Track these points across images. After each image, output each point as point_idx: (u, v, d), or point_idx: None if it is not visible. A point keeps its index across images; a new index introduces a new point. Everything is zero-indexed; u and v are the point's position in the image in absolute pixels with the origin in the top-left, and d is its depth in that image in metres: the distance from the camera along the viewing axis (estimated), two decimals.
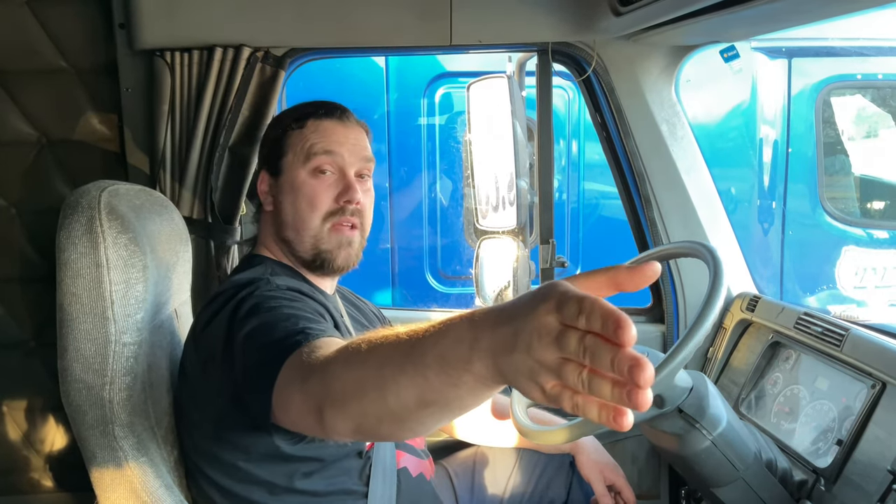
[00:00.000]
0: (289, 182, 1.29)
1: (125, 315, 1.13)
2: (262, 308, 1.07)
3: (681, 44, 1.83)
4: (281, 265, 1.32)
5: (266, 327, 1.02)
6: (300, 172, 1.28)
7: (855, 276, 3.26)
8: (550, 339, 0.57)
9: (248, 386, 1.00)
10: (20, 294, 1.97)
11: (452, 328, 0.71)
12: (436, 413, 0.75)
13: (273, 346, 0.97)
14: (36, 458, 2.03)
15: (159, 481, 1.14)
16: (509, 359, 0.62)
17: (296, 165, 1.29)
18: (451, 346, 0.70)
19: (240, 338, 1.04)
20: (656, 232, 1.91)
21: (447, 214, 3.42)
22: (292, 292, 1.15)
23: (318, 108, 1.32)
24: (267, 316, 1.05)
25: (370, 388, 0.77)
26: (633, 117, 1.86)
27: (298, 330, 0.98)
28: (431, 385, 0.71)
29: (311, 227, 1.28)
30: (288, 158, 1.30)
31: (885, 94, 3.36)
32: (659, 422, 1.25)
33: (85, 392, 1.10)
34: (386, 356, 0.77)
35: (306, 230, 1.28)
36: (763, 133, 3.26)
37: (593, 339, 0.55)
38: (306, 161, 1.28)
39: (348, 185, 1.29)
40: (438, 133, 3.38)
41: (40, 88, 1.86)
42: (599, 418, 0.56)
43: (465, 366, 0.68)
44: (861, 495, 1.26)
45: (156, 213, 1.30)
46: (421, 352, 0.73)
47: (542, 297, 0.60)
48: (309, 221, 1.28)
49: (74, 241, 1.09)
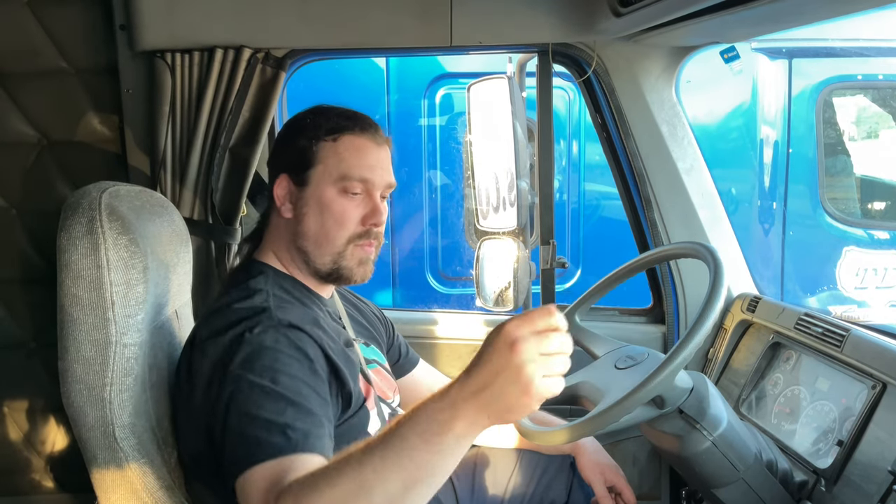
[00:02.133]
0: (315, 196, 1.25)
1: (126, 316, 1.13)
2: (254, 367, 1.05)
3: (681, 44, 1.83)
4: (283, 276, 1.30)
5: (251, 403, 1.01)
6: (330, 189, 1.25)
7: (855, 277, 3.26)
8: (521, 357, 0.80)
9: (222, 447, 1.02)
10: (21, 295, 1.97)
11: (424, 406, 0.85)
12: (422, 490, 0.85)
13: (251, 437, 0.99)
14: (37, 459, 2.03)
15: (160, 482, 1.14)
16: (495, 388, 0.81)
17: (326, 181, 1.25)
18: (430, 417, 0.83)
19: (225, 393, 1.04)
20: (657, 232, 1.91)
21: (448, 215, 3.42)
22: (291, 339, 1.12)
23: (353, 123, 1.28)
24: (257, 382, 1.03)
25: (354, 495, 0.84)
26: (633, 118, 1.86)
27: (281, 426, 0.99)
28: (416, 461, 0.83)
29: (335, 245, 1.26)
30: (317, 171, 1.25)
31: (886, 94, 3.36)
32: (659, 422, 1.25)
33: (86, 393, 1.10)
34: (362, 458, 0.85)
35: (329, 247, 1.26)
36: (763, 134, 3.26)
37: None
38: (340, 181, 1.24)
39: (375, 208, 1.27)
40: (439, 134, 3.38)
41: (41, 89, 1.86)
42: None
43: (447, 429, 0.82)
44: (861, 496, 1.26)
45: (156, 215, 1.30)
46: (399, 437, 0.84)
47: (506, 345, 0.81)
48: (334, 240, 1.26)
49: (75, 243, 1.09)
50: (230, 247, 1.84)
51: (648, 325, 2.01)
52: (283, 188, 1.28)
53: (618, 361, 1.31)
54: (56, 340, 1.12)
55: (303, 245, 1.27)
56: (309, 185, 1.26)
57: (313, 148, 1.26)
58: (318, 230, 1.26)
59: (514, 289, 2.10)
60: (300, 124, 1.30)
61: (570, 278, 3.36)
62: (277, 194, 1.28)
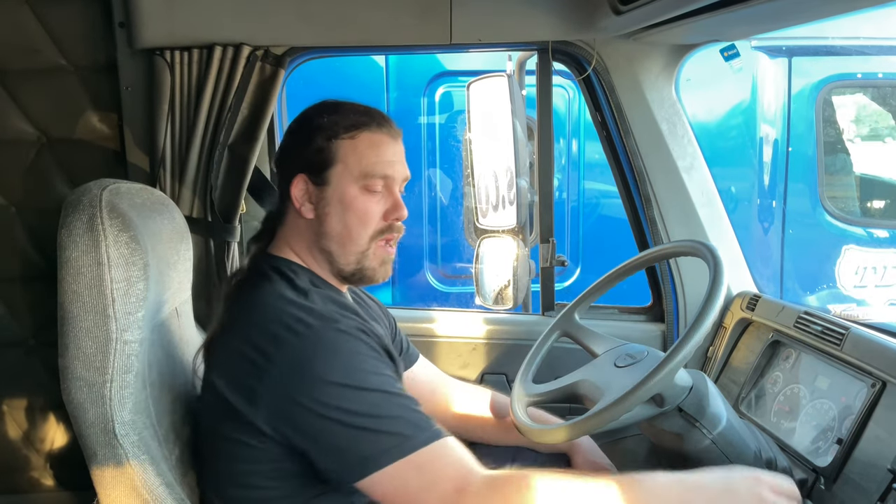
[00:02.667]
0: (337, 195, 1.24)
1: (126, 313, 1.13)
2: (340, 369, 1.09)
3: (681, 42, 1.83)
4: (312, 273, 1.29)
5: (359, 402, 1.08)
6: (351, 188, 1.24)
7: (855, 275, 3.26)
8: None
9: (327, 452, 1.08)
10: (20, 293, 1.97)
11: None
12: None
13: (382, 432, 1.07)
14: (36, 457, 2.03)
15: (160, 479, 1.14)
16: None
17: (347, 179, 1.24)
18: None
19: (322, 400, 1.07)
20: (656, 231, 1.91)
21: (447, 213, 3.42)
22: (360, 339, 1.15)
23: (370, 119, 1.27)
24: (351, 384, 1.09)
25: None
26: (633, 116, 1.86)
27: (401, 420, 1.08)
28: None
29: (359, 243, 1.26)
30: (337, 170, 1.24)
31: (886, 92, 3.35)
32: (659, 421, 1.25)
33: (86, 390, 1.10)
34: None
35: (354, 246, 1.26)
36: (763, 132, 3.26)
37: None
38: (362, 179, 1.24)
39: (397, 203, 1.28)
40: (438, 132, 3.38)
41: (40, 87, 1.86)
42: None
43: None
44: (861, 494, 1.26)
45: (157, 212, 1.30)
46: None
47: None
48: (358, 238, 1.26)
49: (75, 239, 1.09)
50: (229, 244, 1.84)
51: (648, 324, 2.01)
52: (301, 189, 1.26)
53: (617, 360, 1.31)
54: (55, 338, 1.12)
55: (326, 245, 1.26)
56: (329, 185, 1.24)
57: (332, 147, 1.24)
58: (341, 230, 1.25)
59: (513, 287, 2.10)
60: (315, 123, 1.27)
61: (569, 276, 3.36)
62: (295, 195, 1.26)
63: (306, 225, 1.27)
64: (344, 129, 1.25)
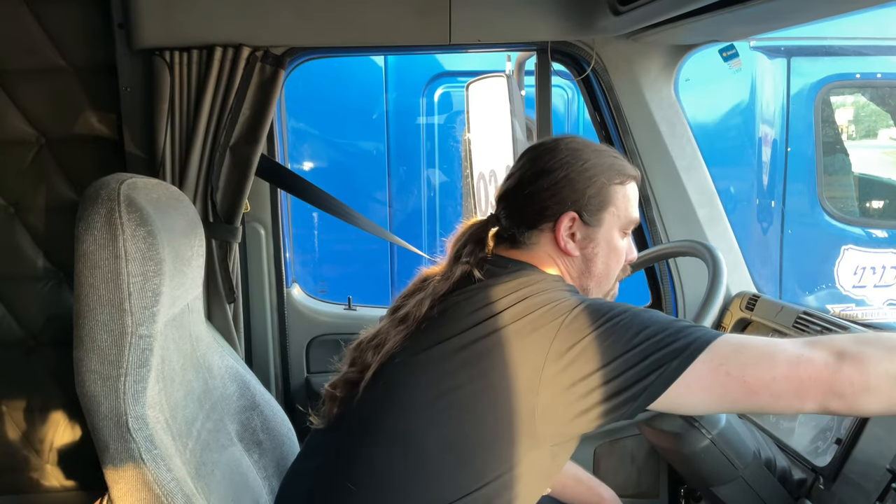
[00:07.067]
0: (606, 239, 1.26)
1: (142, 307, 1.13)
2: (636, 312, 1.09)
3: (680, 43, 1.83)
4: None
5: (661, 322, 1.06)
6: (617, 233, 1.27)
7: (854, 275, 3.26)
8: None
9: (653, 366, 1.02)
10: (20, 293, 1.97)
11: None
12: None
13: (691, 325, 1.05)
14: (36, 458, 2.03)
15: (171, 474, 1.14)
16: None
17: (615, 225, 1.26)
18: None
19: (627, 333, 1.05)
20: (655, 231, 1.91)
21: (446, 213, 3.43)
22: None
23: (633, 168, 1.31)
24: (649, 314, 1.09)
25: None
26: (632, 116, 1.86)
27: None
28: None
29: (612, 283, 1.31)
30: (608, 213, 1.25)
31: (884, 93, 3.36)
32: (658, 421, 1.26)
33: (100, 383, 1.11)
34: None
35: (608, 286, 1.30)
36: (762, 132, 3.26)
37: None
38: (626, 226, 1.27)
39: (631, 246, 1.33)
40: (437, 132, 3.38)
41: (39, 87, 1.86)
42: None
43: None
44: (860, 494, 1.26)
45: (172, 207, 1.30)
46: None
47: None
48: (612, 278, 1.30)
49: (93, 233, 1.09)
50: (231, 245, 1.84)
51: None
52: (569, 227, 1.24)
53: None
54: (55, 338, 1.12)
55: (587, 284, 1.28)
56: (601, 228, 1.25)
57: (608, 190, 1.25)
58: (603, 271, 1.27)
59: None
60: (592, 163, 1.25)
61: None
62: (563, 234, 1.23)
63: (571, 263, 1.26)
64: (619, 174, 1.26)
